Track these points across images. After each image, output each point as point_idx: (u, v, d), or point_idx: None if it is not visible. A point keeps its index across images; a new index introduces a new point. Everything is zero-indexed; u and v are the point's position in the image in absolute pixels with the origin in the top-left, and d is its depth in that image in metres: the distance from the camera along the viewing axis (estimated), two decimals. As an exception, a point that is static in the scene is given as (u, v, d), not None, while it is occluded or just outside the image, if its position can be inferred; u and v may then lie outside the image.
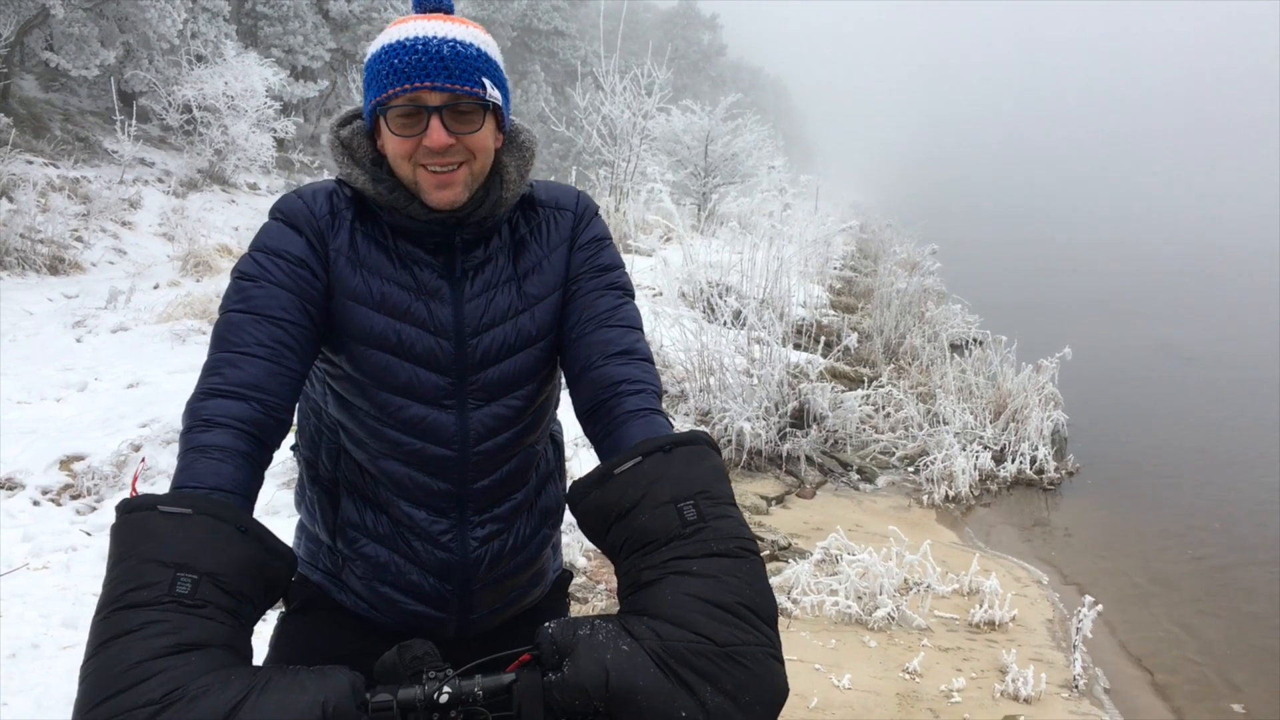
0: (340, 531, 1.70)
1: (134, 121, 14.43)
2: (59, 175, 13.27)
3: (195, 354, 7.96)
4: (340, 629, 1.73)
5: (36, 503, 5.14)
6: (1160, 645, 5.61)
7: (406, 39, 1.52)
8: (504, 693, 1.25)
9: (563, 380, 1.86)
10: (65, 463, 5.53)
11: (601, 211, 1.86)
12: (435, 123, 1.51)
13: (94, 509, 5.19)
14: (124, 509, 1.30)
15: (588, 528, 1.48)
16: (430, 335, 1.61)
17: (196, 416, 1.46)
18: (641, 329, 1.75)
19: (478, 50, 1.55)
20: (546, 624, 1.29)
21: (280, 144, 17.63)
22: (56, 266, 10.69)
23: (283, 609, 1.81)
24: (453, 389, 1.63)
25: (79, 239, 11.71)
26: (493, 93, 1.55)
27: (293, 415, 1.57)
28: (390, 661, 1.28)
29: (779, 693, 1.26)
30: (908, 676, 4.92)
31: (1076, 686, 4.94)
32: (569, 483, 1.71)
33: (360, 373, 1.61)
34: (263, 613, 1.34)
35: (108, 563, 1.26)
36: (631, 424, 1.58)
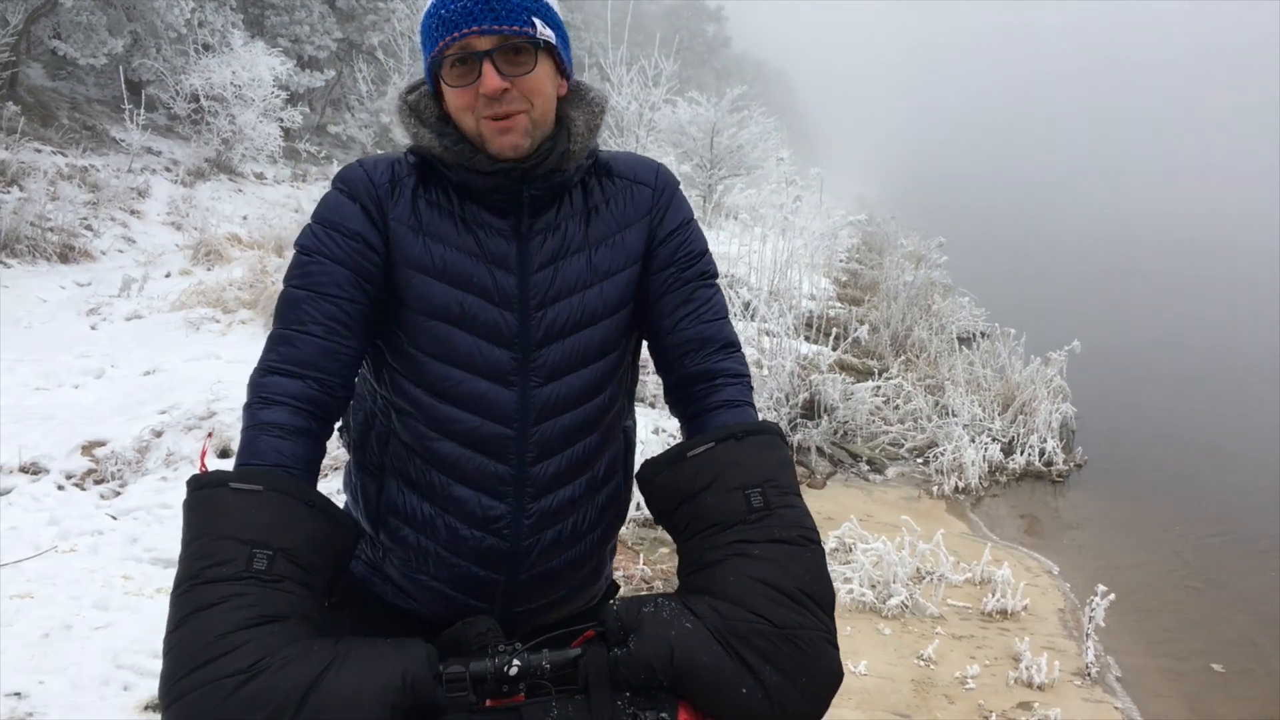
0: (383, 520, 1.67)
1: (142, 110, 14.45)
2: (67, 164, 13.27)
3: (210, 342, 8.00)
4: (380, 622, 1.70)
5: (61, 487, 5.19)
6: (1171, 634, 5.67)
7: None
8: (570, 666, 1.29)
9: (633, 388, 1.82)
10: (87, 448, 5.58)
11: None
12: (487, 67, 1.46)
13: (118, 494, 5.24)
14: (195, 485, 1.34)
15: (656, 506, 1.52)
16: (494, 307, 1.56)
17: (256, 392, 1.50)
18: (728, 315, 1.75)
19: None
20: (611, 601, 1.35)
21: (287, 134, 17.61)
22: (67, 255, 10.70)
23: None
24: (515, 364, 1.58)
25: (88, 227, 11.72)
26: (544, 31, 1.50)
27: (351, 389, 1.59)
28: (454, 636, 1.33)
29: (834, 677, 1.31)
30: (922, 663, 4.97)
31: (1089, 674, 4.99)
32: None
33: (419, 345, 1.58)
34: (331, 581, 1.38)
35: (183, 539, 1.30)
36: (725, 412, 1.62)
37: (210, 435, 5.54)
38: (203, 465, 1.53)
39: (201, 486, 1.33)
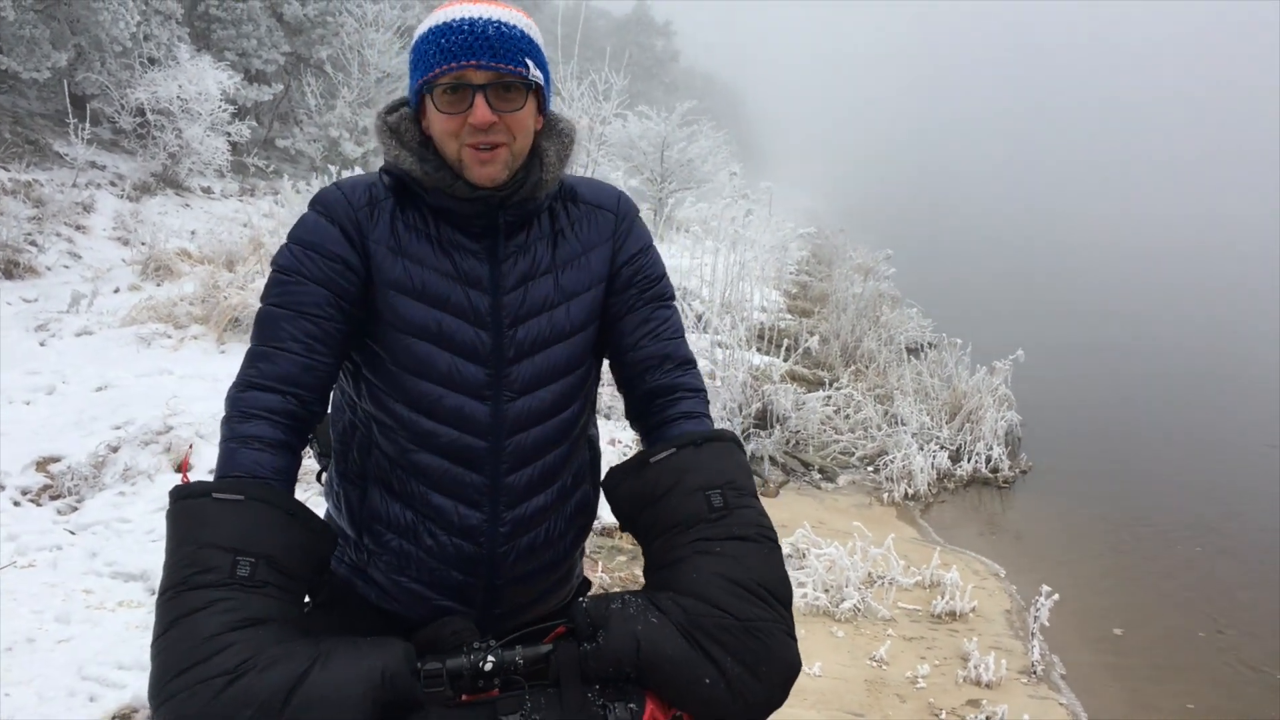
0: (366, 526, 1.72)
1: (86, 124, 14.26)
2: (10, 178, 13.05)
3: (162, 357, 7.95)
4: (363, 623, 1.74)
5: (17, 503, 5.15)
6: (1112, 632, 5.86)
7: (454, 20, 1.55)
8: (542, 661, 1.37)
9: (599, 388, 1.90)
10: (41, 464, 5.54)
11: None
12: (480, 100, 1.54)
13: (75, 509, 5.20)
14: (178, 495, 1.39)
15: (621, 511, 1.60)
16: (469, 325, 1.63)
17: (235, 407, 1.55)
18: (684, 334, 1.83)
19: (521, 32, 1.58)
20: (580, 599, 1.41)
21: (234, 148, 17.44)
22: (11, 270, 10.52)
23: (309, 602, 1.89)
24: (489, 379, 1.65)
25: (33, 243, 11.53)
26: (535, 73, 1.59)
27: (326, 405, 1.65)
28: (432, 636, 1.39)
29: (792, 667, 1.39)
30: (875, 664, 5.10)
31: (1035, 672, 5.16)
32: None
33: (398, 362, 1.63)
34: (311, 586, 1.45)
35: (167, 547, 1.35)
36: (683, 423, 1.70)
37: (191, 448, 5.54)
38: (185, 477, 1.59)
39: (184, 497, 1.39)
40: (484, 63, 1.53)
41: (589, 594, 1.88)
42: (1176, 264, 28.91)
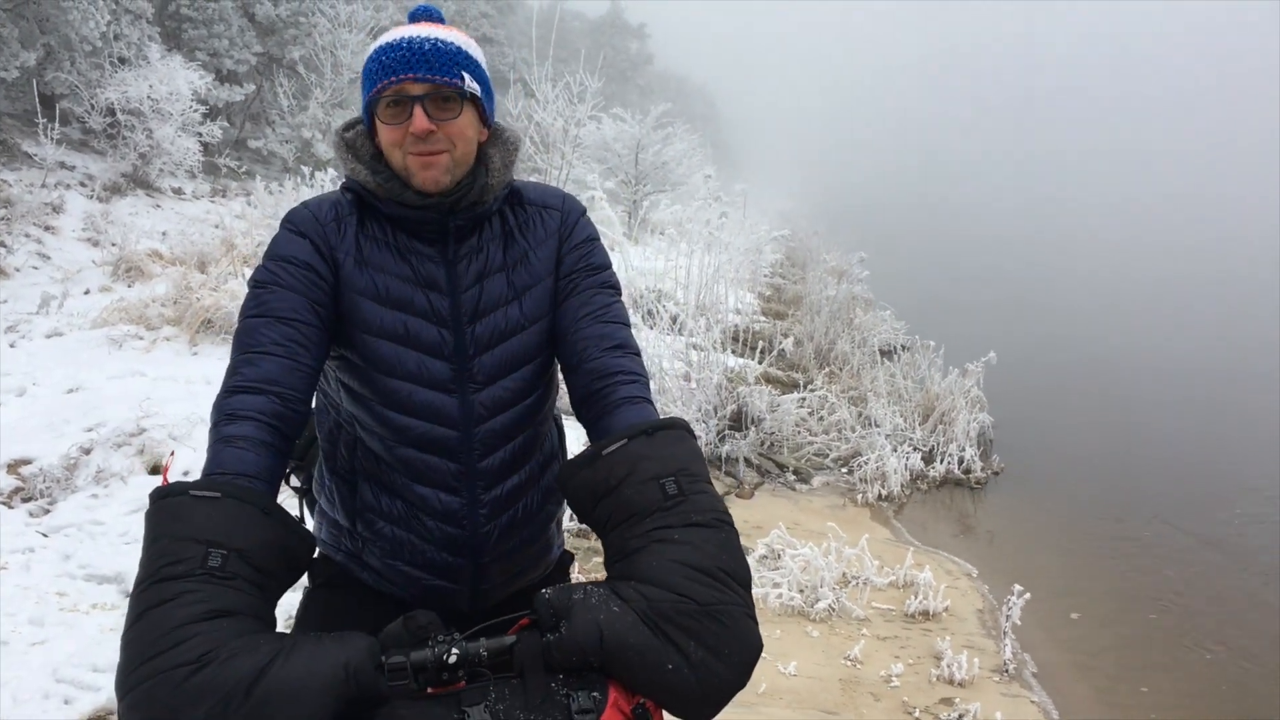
0: (358, 515, 1.85)
1: (56, 124, 14.12)
2: (-23, 179, 12.94)
3: (134, 359, 7.89)
4: (360, 603, 1.86)
5: (-12, 506, 5.11)
6: (1083, 630, 5.93)
7: (395, 40, 1.70)
8: (506, 653, 1.38)
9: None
10: (13, 466, 5.49)
11: None
12: (418, 110, 1.66)
13: (47, 511, 5.16)
14: (157, 495, 1.42)
15: (576, 504, 1.62)
16: (433, 326, 1.76)
17: (221, 412, 1.59)
18: (630, 325, 1.89)
19: (458, 48, 1.72)
20: (543, 590, 1.43)
21: (206, 148, 17.32)
22: (-21, 272, 10.44)
23: (308, 585, 1.93)
24: (454, 373, 1.77)
25: (1, 244, 11.45)
26: (471, 85, 1.71)
27: (310, 406, 1.69)
28: (396, 631, 1.39)
29: (754, 648, 1.41)
30: (849, 663, 5.14)
31: (1007, 671, 5.21)
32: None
33: (371, 363, 1.75)
34: (285, 588, 1.46)
35: (144, 542, 1.37)
36: (625, 409, 1.72)
37: (173, 454, 5.50)
38: (165, 479, 1.60)
39: (163, 496, 1.41)
40: (420, 75, 1.67)
41: (558, 582, 1.93)
42: (1158, 278, 29.11)
